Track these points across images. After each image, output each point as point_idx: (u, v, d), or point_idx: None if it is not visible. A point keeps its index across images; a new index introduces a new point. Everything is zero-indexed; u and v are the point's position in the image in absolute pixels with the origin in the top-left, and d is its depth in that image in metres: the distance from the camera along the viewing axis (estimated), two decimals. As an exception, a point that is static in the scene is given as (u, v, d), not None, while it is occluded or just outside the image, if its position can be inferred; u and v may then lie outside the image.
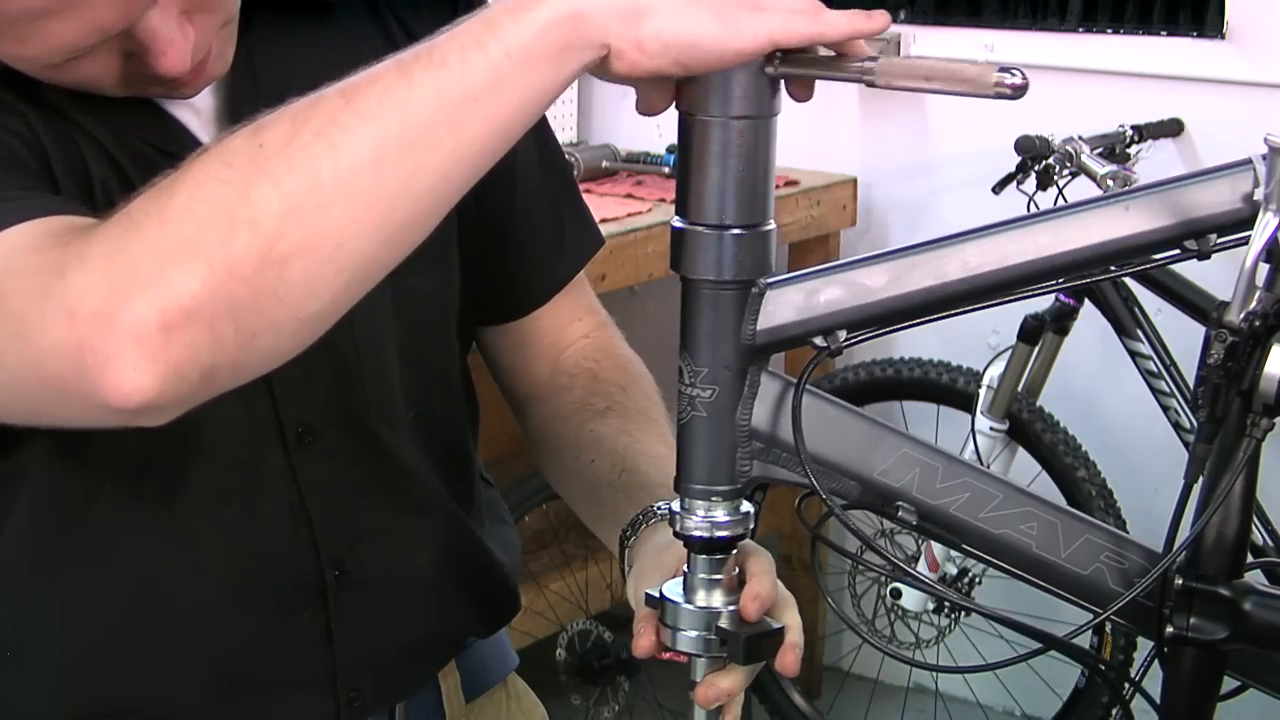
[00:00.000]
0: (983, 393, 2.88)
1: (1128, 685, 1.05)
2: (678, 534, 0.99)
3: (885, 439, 0.98)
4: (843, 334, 0.95)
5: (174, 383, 0.86)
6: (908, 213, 3.27)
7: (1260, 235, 0.90)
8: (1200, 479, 0.98)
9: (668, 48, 0.87)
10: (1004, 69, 0.84)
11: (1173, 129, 2.89)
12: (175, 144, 1.09)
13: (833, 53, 0.90)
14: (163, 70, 1.02)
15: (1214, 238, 0.95)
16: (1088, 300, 2.82)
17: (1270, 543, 2.73)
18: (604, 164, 3.12)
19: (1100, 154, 2.69)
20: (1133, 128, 2.81)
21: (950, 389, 2.98)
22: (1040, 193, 2.70)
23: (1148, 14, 2.96)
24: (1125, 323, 2.80)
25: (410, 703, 1.28)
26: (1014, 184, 2.74)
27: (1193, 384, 0.95)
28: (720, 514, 0.97)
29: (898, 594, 3.00)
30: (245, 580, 1.17)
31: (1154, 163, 2.81)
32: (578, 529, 1.28)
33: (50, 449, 1.09)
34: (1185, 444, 2.74)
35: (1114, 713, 2.83)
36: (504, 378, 1.35)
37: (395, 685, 1.26)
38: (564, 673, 2.82)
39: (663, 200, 2.92)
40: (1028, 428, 2.87)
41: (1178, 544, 0.97)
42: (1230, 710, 1.08)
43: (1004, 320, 2.76)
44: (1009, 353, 2.86)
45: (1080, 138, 2.68)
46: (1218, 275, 1.71)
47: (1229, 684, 1.03)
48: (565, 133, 3.43)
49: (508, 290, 1.30)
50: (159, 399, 0.86)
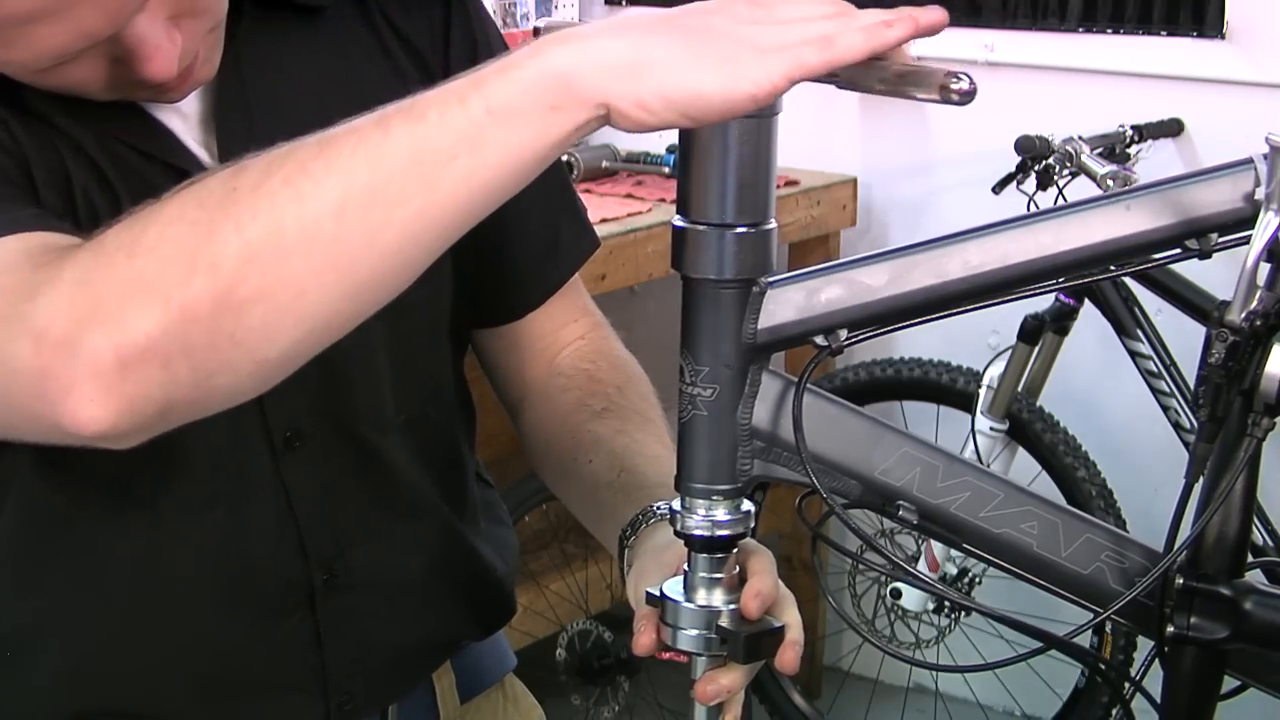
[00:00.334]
0: (983, 393, 2.88)
1: (1128, 685, 1.05)
2: (678, 533, 0.99)
3: (886, 438, 0.98)
4: (843, 333, 0.95)
5: (128, 416, 0.87)
6: (908, 213, 3.27)
7: (1261, 235, 0.90)
8: (1201, 479, 0.98)
9: (672, 104, 0.84)
10: (952, 74, 0.82)
11: (1173, 129, 2.89)
12: (161, 148, 1.09)
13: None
14: (150, 76, 1.02)
15: (1215, 237, 0.96)
16: (1088, 300, 2.82)
17: (1270, 542, 2.73)
18: (604, 164, 3.12)
19: (1100, 154, 2.69)
20: (1133, 128, 2.81)
21: (950, 389, 2.98)
22: (1040, 193, 2.70)
23: (1148, 14, 2.96)
24: (1125, 323, 2.80)
25: (404, 703, 1.28)
26: (1014, 184, 2.74)
27: (1193, 384, 0.95)
28: (721, 513, 0.97)
29: (898, 594, 3.00)
30: (232, 584, 1.16)
31: (1154, 163, 2.80)
32: (578, 529, 1.27)
33: (35, 456, 1.09)
34: (1185, 444, 2.74)
35: (1114, 713, 2.83)
36: (499, 380, 1.35)
37: (387, 688, 1.26)
38: (564, 673, 2.82)
39: (663, 200, 2.91)
40: (1028, 428, 2.87)
41: (1178, 543, 0.97)
42: (1230, 710, 1.08)
43: (1004, 320, 2.76)
44: (1009, 353, 2.86)
45: (1080, 138, 2.68)
46: (1218, 275, 1.71)
47: (1229, 684, 1.03)
48: (565, 133, 3.42)
49: (502, 293, 1.30)
50: (115, 430, 0.88)
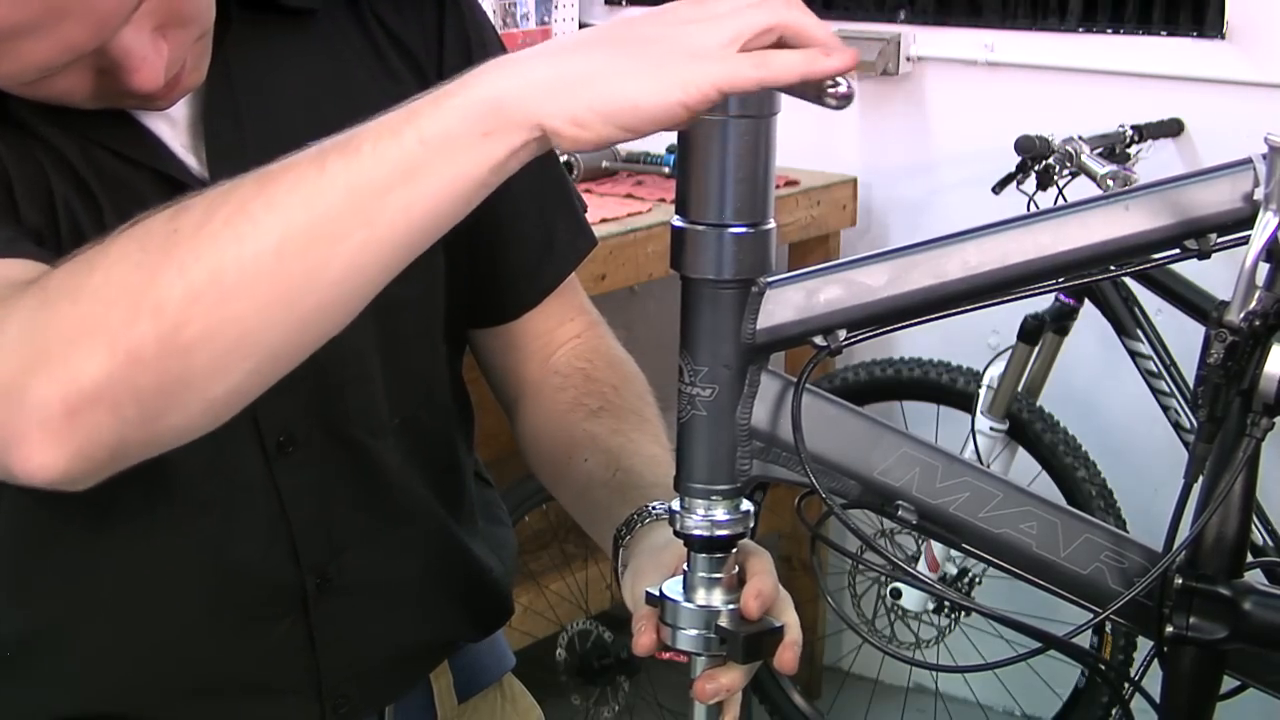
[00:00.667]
0: (983, 393, 2.88)
1: (1128, 685, 1.05)
2: (678, 533, 0.99)
3: (885, 438, 0.98)
4: (842, 333, 0.95)
5: (80, 462, 0.88)
6: (908, 213, 3.27)
7: (1260, 235, 0.90)
8: (1200, 479, 0.98)
9: (606, 117, 0.83)
10: (833, 80, 0.83)
11: (1173, 129, 2.89)
12: (148, 155, 1.09)
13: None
14: (137, 87, 1.01)
15: (1214, 237, 0.96)
16: (1088, 300, 2.82)
17: (1270, 542, 2.73)
18: (604, 164, 3.12)
19: (1100, 154, 2.69)
20: (1133, 128, 2.81)
21: (950, 389, 2.98)
22: (1040, 193, 2.70)
23: (1148, 14, 2.96)
24: (1125, 323, 2.80)
25: (400, 703, 1.28)
26: (1014, 184, 2.74)
27: (1193, 384, 0.95)
28: (720, 513, 0.97)
29: (898, 594, 2.99)
30: (222, 588, 1.16)
31: (1154, 163, 2.80)
32: (578, 529, 1.27)
33: None
34: (1185, 444, 2.73)
35: (1114, 713, 2.83)
36: (496, 379, 1.34)
37: (383, 690, 1.26)
38: (564, 673, 2.82)
39: (663, 200, 2.91)
40: (1028, 428, 2.87)
41: (1177, 543, 0.97)
42: (1230, 710, 1.08)
43: (1004, 320, 2.76)
44: (1009, 353, 2.86)
45: (1080, 138, 2.67)
46: (1218, 275, 1.71)
47: (1229, 684, 1.03)
48: (565, 133, 3.42)
49: (498, 293, 1.29)
50: (67, 476, 0.88)
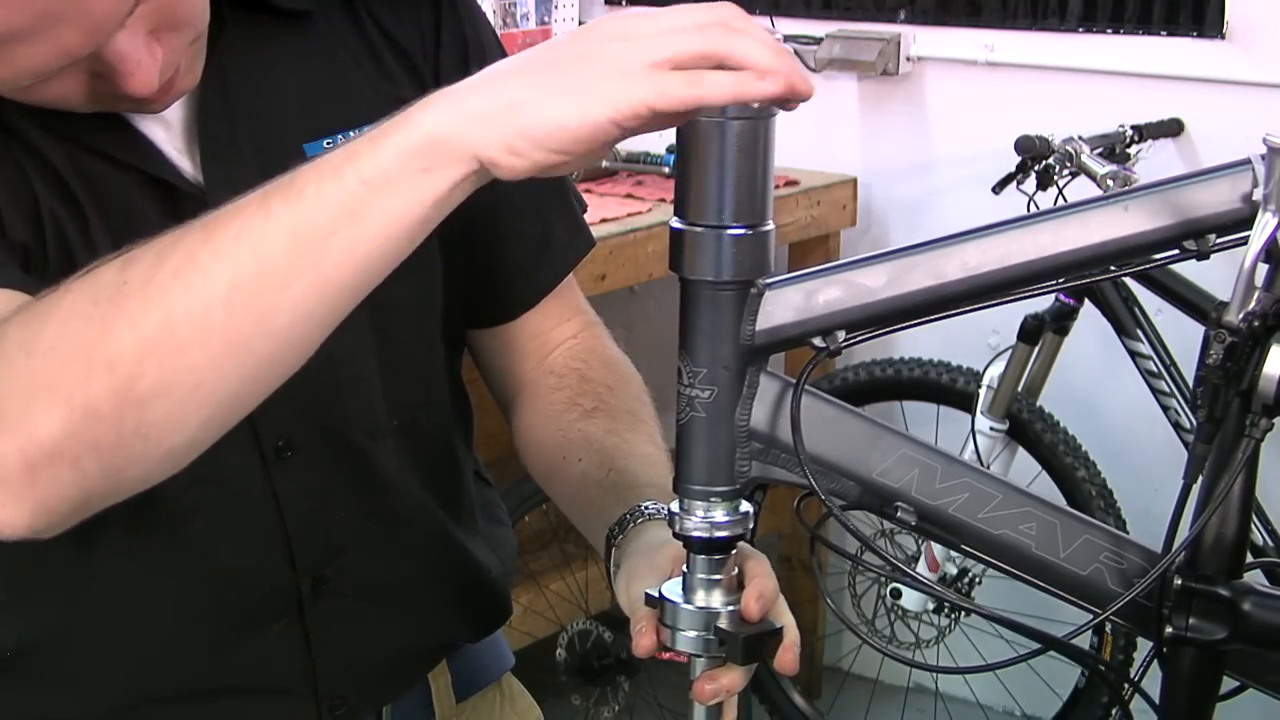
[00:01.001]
0: (983, 393, 2.88)
1: (1127, 685, 1.05)
2: (677, 534, 0.99)
3: (884, 439, 0.98)
4: (842, 334, 0.95)
5: (44, 516, 0.89)
6: (908, 213, 3.27)
7: (1259, 235, 0.90)
8: (1200, 479, 0.98)
9: (537, 142, 0.83)
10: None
11: (1173, 129, 2.89)
12: (141, 159, 1.08)
13: None
14: (131, 91, 1.01)
15: (1213, 238, 0.95)
16: (1088, 300, 2.82)
17: (1270, 543, 2.73)
18: (604, 164, 3.12)
19: (1100, 154, 2.69)
20: (1133, 128, 2.81)
21: (950, 389, 2.98)
22: (1040, 193, 2.70)
23: (1148, 14, 2.96)
24: (1125, 323, 2.80)
25: (398, 702, 1.28)
26: (1014, 184, 2.74)
27: (1192, 384, 0.95)
28: (719, 514, 0.97)
29: (897, 594, 3.00)
30: (216, 591, 1.16)
31: (1154, 163, 2.80)
32: (578, 529, 1.27)
33: None
34: (1185, 444, 2.73)
35: (1114, 713, 2.83)
36: (493, 379, 1.34)
37: (381, 690, 1.26)
38: (564, 673, 2.82)
39: (663, 200, 2.91)
40: (1028, 428, 2.87)
41: (1177, 544, 0.97)
42: (1230, 710, 1.08)
43: (1004, 320, 2.76)
44: (1009, 353, 2.86)
45: (1080, 138, 2.68)
46: (1218, 275, 1.71)
47: (1229, 684, 1.02)
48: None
49: (496, 293, 1.29)
50: (32, 530, 0.89)
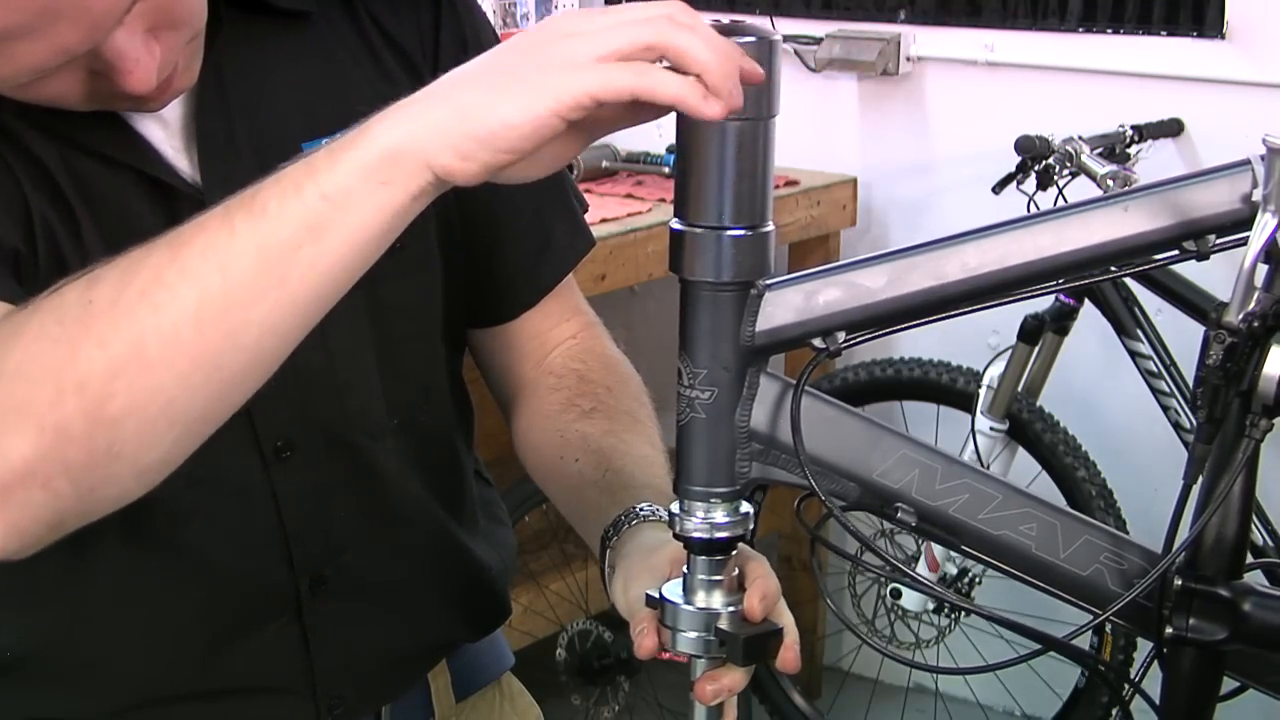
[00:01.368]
0: (983, 393, 2.88)
1: (1127, 686, 1.05)
2: (678, 535, 0.99)
3: (884, 440, 0.98)
4: (841, 335, 0.95)
5: (18, 538, 0.89)
6: (908, 213, 3.27)
7: (1259, 236, 0.90)
8: (1200, 479, 0.98)
9: (484, 144, 0.84)
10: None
11: (1173, 129, 2.89)
12: (137, 158, 1.08)
13: None
14: (129, 89, 1.01)
15: (1213, 238, 0.95)
16: (1088, 300, 2.82)
17: (1270, 543, 2.73)
18: (604, 164, 3.12)
19: (1100, 154, 2.69)
20: (1133, 128, 2.81)
21: (950, 389, 2.98)
22: (1040, 193, 2.70)
23: (1148, 14, 2.96)
24: (1125, 323, 2.80)
25: (397, 701, 1.28)
26: (1014, 184, 2.74)
27: (1192, 384, 0.95)
28: (720, 515, 0.97)
29: (897, 594, 3.00)
30: (214, 591, 1.16)
31: (1154, 163, 2.80)
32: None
33: None
34: (1185, 444, 2.73)
35: (1114, 713, 2.83)
36: (492, 378, 1.35)
37: (379, 690, 1.26)
38: (564, 673, 2.82)
39: (663, 200, 2.91)
40: (1028, 428, 2.87)
41: (1177, 545, 0.97)
42: (1230, 710, 1.08)
43: (1004, 320, 2.76)
44: (1009, 353, 2.86)
45: (1080, 138, 2.68)
46: (1218, 275, 1.71)
47: (1229, 684, 1.03)
48: (565, 133, 3.42)
49: (495, 294, 1.29)
50: (5, 552, 0.89)
